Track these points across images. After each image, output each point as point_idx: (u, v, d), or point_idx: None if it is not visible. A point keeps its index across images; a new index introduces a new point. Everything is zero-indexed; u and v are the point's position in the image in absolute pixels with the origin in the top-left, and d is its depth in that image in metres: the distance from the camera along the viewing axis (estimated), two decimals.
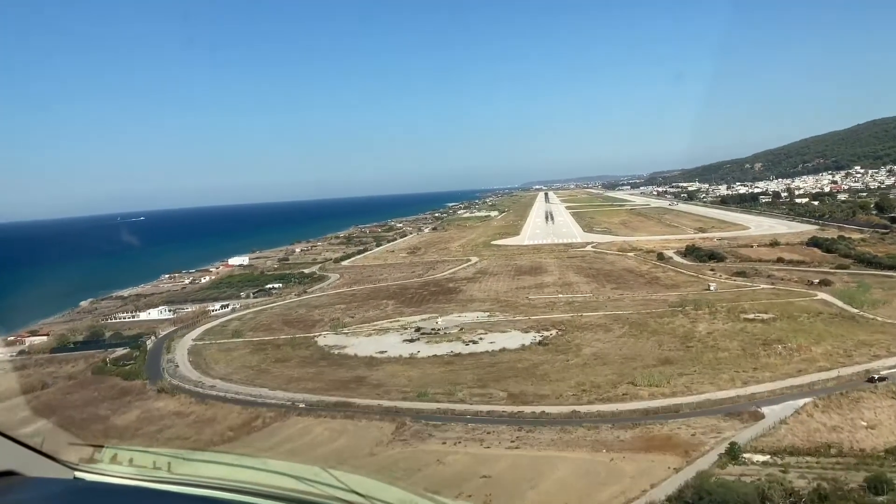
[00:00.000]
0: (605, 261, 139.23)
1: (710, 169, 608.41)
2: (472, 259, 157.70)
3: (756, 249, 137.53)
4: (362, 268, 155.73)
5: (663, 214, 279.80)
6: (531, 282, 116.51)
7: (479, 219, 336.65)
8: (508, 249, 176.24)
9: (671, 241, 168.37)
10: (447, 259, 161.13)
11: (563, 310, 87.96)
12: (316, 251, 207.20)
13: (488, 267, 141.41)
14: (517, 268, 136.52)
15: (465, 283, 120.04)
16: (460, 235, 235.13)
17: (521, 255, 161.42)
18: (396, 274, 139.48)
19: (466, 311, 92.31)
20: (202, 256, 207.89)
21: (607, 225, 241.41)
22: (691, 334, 69.60)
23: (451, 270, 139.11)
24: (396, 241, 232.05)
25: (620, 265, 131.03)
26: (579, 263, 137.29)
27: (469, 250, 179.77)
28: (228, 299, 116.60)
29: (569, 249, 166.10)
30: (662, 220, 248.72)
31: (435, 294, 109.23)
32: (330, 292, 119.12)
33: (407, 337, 76.82)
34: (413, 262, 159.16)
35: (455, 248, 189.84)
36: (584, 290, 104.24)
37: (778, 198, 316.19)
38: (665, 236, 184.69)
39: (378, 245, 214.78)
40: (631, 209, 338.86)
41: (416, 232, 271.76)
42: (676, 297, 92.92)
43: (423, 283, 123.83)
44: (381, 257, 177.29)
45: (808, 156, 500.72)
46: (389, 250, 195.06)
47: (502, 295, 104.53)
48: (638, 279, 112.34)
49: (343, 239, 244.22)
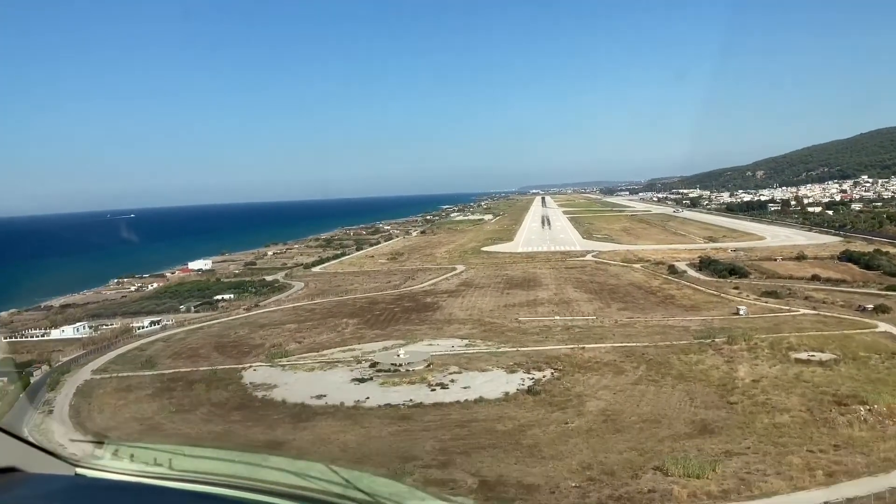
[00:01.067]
0: (609, 273, 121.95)
1: (710, 176, 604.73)
2: (457, 268, 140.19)
3: (781, 264, 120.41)
4: (334, 275, 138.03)
5: (667, 221, 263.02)
6: (523, 297, 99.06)
7: (471, 222, 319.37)
8: (500, 257, 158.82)
9: (680, 252, 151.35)
10: (430, 267, 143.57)
11: (560, 338, 70.39)
12: (289, 255, 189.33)
13: (475, 278, 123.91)
14: (508, 279, 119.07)
15: (446, 297, 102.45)
16: (449, 240, 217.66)
17: (513, 263, 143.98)
18: (370, 284, 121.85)
19: (441, 336, 74.70)
20: (171, 257, 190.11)
21: (608, 231, 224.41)
22: (730, 382, 52.09)
23: (432, 281, 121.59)
24: (380, 244, 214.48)
25: (626, 279, 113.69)
26: (579, 276, 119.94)
27: (456, 257, 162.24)
28: (165, 313, 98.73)
29: (566, 259, 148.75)
30: (667, 228, 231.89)
31: (408, 312, 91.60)
32: (286, 306, 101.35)
33: (358, 374, 59.09)
34: (392, 270, 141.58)
35: (441, 254, 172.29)
36: (585, 311, 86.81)
37: (787, 206, 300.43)
38: (672, 246, 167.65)
39: (358, 249, 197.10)
40: (632, 215, 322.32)
41: (403, 235, 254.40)
42: (700, 323, 75.63)
43: (398, 296, 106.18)
44: (359, 263, 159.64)
45: (811, 164, 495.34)
46: (369, 255, 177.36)
47: (487, 314, 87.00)
48: (648, 297, 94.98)
49: (323, 241, 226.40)
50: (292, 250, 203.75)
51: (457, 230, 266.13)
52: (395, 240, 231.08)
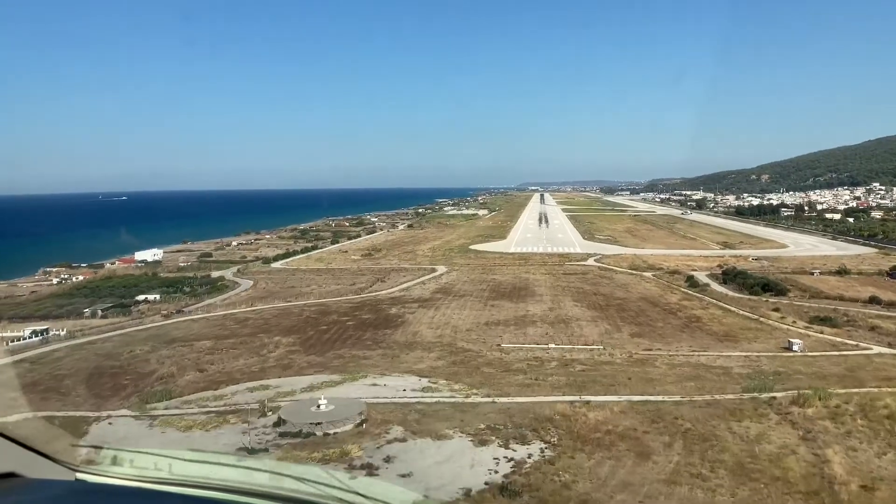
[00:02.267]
0: (615, 282, 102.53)
1: (713, 178, 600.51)
2: (438, 269, 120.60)
3: (822, 279, 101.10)
4: (293, 273, 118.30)
5: (674, 223, 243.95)
6: (510, 312, 79.59)
7: (463, 217, 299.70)
8: (489, 257, 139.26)
9: (695, 259, 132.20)
10: (407, 267, 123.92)
11: (556, 381, 50.85)
12: (256, 246, 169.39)
13: (455, 283, 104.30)
14: (494, 286, 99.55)
15: (416, 308, 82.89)
16: (437, 235, 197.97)
17: (503, 266, 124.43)
18: (330, 286, 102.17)
19: (394, 369, 55.11)
20: (128, 244, 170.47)
21: (610, 233, 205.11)
22: (824, 485, 32.70)
23: (404, 284, 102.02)
24: (359, 238, 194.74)
25: (637, 291, 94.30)
26: (579, 284, 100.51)
27: (439, 256, 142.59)
28: (64, 318, 78.84)
29: (565, 262, 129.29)
30: (675, 231, 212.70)
31: (362, 328, 72.00)
32: (215, 314, 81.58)
33: (249, 440, 39.36)
34: (362, 269, 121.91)
35: (423, 251, 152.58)
36: (588, 335, 67.38)
37: (801, 211, 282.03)
38: (685, 251, 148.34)
39: (334, 242, 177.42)
40: (635, 215, 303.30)
41: (388, 228, 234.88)
42: (743, 361, 56.34)
43: (357, 304, 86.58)
44: (328, 259, 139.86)
45: (818, 170, 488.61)
46: (343, 250, 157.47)
47: (462, 335, 67.49)
48: (668, 318, 75.64)
49: (298, 233, 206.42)
50: (261, 241, 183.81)
51: (447, 225, 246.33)
52: (377, 233, 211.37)
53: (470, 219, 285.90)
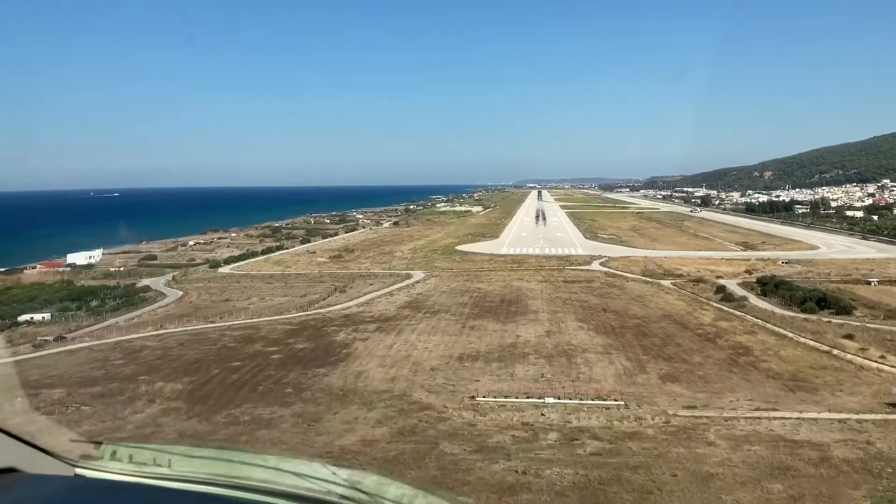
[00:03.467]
0: (628, 293, 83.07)
1: (714, 175, 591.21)
2: (415, 274, 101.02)
3: (885, 291, 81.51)
4: (239, 279, 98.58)
5: (682, 221, 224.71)
6: (494, 338, 60.03)
7: (456, 213, 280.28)
8: (476, 261, 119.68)
9: (717, 262, 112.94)
10: (378, 272, 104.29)
11: (556, 482, 31.43)
12: (213, 246, 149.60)
13: (431, 294, 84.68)
14: (478, 299, 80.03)
15: (372, 332, 63.26)
16: (422, 234, 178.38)
17: (492, 271, 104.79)
18: (275, 298, 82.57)
19: (303, 448, 35.53)
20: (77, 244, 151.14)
21: (614, 231, 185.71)
22: None
23: (368, 296, 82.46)
24: (337, 236, 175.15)
25: (657, 306, 74.84)
26: (584, 296, 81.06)
27: (420, 258, 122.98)
28: None
29: (565, 267, 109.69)
30: (684, 229, 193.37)
31: (289, 364, 52.33)
32: (107, 340, 61.36)
33: None
34: (325, 274, 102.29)
35: (403, 252, 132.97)
36: (601, 379, 47.84)
37: (817, 208, 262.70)
38: (703, 253, 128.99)
39: (306, 241, 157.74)
40: (638, 213, 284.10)
41: (372, 225, 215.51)
42: (841, 433, 36.85)
43: (297, 326, 66.85)
44: (290, 261, 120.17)
45: (823, 166, 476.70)
46: (311, 251, 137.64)
47: (424, 379, 47.92)
48: (706, 349, 56.13)
49: (269, 230, 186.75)
50: (224, 240, 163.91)
51: (435, 222, 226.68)
52: (357, 232, 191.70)
53: (462, 216, 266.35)
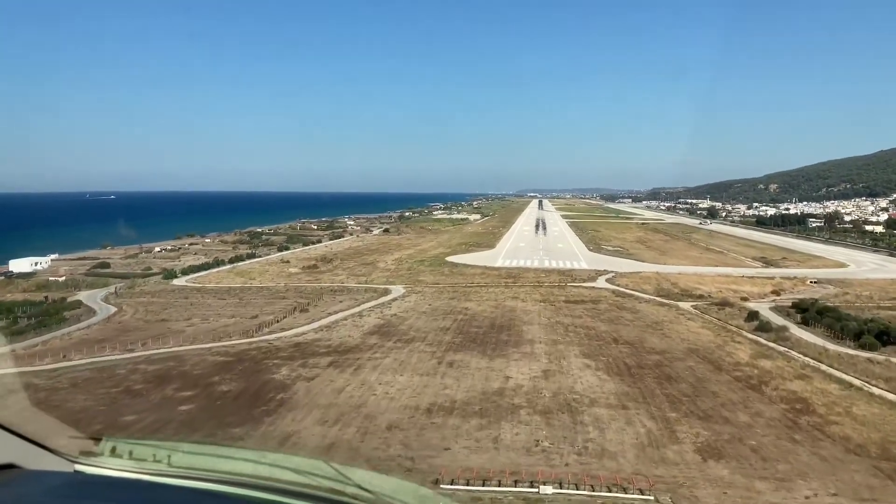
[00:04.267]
0: (643, 318, 69.66)
1: (718, 187, 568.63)
2: (394, 290, 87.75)
3: None
4: (190, 294, 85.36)
5: (690, 234, 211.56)
6: (477, 381, 46.70)
7: (452, 221, 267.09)
8: (467, 274, 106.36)
9: (738, 281, 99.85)
10: (352, 286, 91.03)
11: None
12: (179, 253, 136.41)
13: (408, 316, 71.29)
14: (463, 323, 66.69)
15: (324, 368, 49.97)
16: (412, 243, 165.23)
17: (483, 288, 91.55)
18: (222, 318, 69.19)
19: None
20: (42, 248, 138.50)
21: (620, 243, 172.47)
22: None
23: (333, 316, 69.17)
24: (319, 243, 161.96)
25: (679, 336, 61.48)
26: (590, 322, 67.73)
27: (404, 270, 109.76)
28: None
29: (567, 284, 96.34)
30: (694, 242, 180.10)
31: (197, 420, 38.92)
32: None
33: None
34: (290, 289, 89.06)
35: (387, 263, 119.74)
36: (617, 451, 34.47)
37: (832, 222, 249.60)
38: (720, 269, 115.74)
39: (284, 249, 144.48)
40: (643, 224, 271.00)
41: (362, 232, 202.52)
42: None
43: (234, 356, 53.56)
44: (258, 271, 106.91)
45: (831, 179, 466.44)
46: (285, 260, 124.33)
47: (375, 444, 34.61)
48: (751, 401, 42.70)
49: (247, 236, 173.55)
50: (195, 246, 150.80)
51: (429, 230, 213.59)
52: (343, 239, 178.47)
53: (458, 223, 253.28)
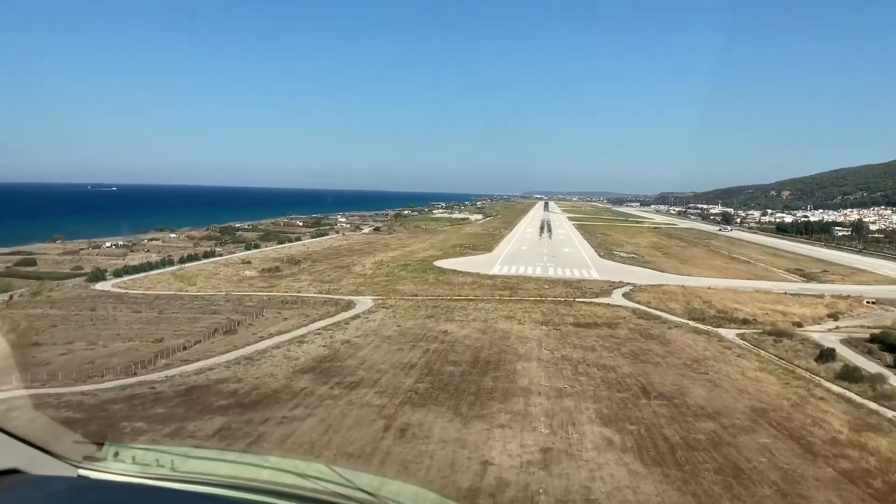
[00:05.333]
0: (677, 354, 51.76)
1: (729, 193, 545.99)
2: (358, 303, 70.17)
3: None
4: (104, 302, 67.96)
5: (709, 240, 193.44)
6: (434, 472, 29.10)
7: (450, 221, 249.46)
8: (455, 283, 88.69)
9: (782, 299, 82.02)
10: (309, 297, 73.43)
11: None
12: (126, 250, 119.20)
13: (364, 342, 53.57)
14: (435, 357, 49.06)
15: (205, 438, 32.66)
16: (400, 244, 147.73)
17: (471, 302, 73.76)
18: (116, 343, 51.84)
19: None
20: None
21: (633, 249, 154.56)
22: None
23: (264, 342, 51.73)
24: (298, 241, 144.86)
25: (734, 385, 43.66)
26: (609, 359, 49.88)
27: (381, 277, 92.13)
28: None
29: (575, 300, 78.34)
30: (715, 250, 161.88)
31: None
32: None
33: None
34: (232, 298, 71.73)
35: (364, 267, 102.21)
36: None
37: (858, 231, 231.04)
38: (755, 284, 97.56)
39: (254, 248, 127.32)
40: (655, 228, 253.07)
41: (351, 230, 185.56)
42: None
43: (83, 413, 36.28)
44: (206, 274, 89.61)
45: (846, 187, 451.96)
46: (246, 260, 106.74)
47: None
48: None
49: (216, 232, 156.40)
50: (155, 242, 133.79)
51: (423, 230, 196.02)
52: (326, 237, 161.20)
53: (456, 223, 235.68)
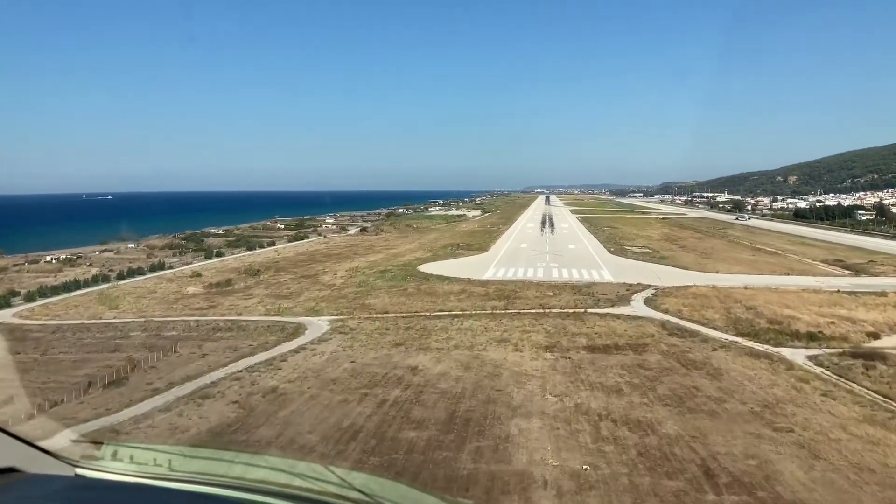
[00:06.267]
0: (738, 396, 35.84)
1: (733, 180, 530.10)
2: (309, 328, 54.40)
3: None
4: None
5: (724, 230, 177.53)
6: None
7: (446, 218, 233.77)
8: (439, 293, 72.71)
9: (836, 298, 65.73)
10: (249, 321, 57.78)
11: None
12: (62, 265, 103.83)
13: (294, 396, 37.56)
14: (390, 418, 33.20)
15: None
16: (386, 245, 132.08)
17: (455, 320, 57.78)
18: None
19: None
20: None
21: (645, 242, 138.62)
22: None
23: (147, 403, 36.13)
24: (272, 246, 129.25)
25: (846, 459, 27.69)
26: (642, 411, 33.81)
27: (351, 288, 76.24)
28: None
29: (586, 312, 62.17)
30: (734, 240, 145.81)
31: None
32: None
33: None
34: (150, 328, 56.33)
35: (335, 276, 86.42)
36: None
37: (882, 214, 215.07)
38: (798, 280, 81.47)
39: (217, 256, 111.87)
40: (663, 218, 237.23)
41: (336, 232, 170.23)
42: None
43: None
44: (138, 293, 73.95)
45: (855, 170, 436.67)
46: (196, 272, 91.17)
47: None
48: None
49: (180, 240, 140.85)
50: (105, 255, 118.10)
51: (414, 229, 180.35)
52: (308, 240, 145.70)
53: (451, 221, 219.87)
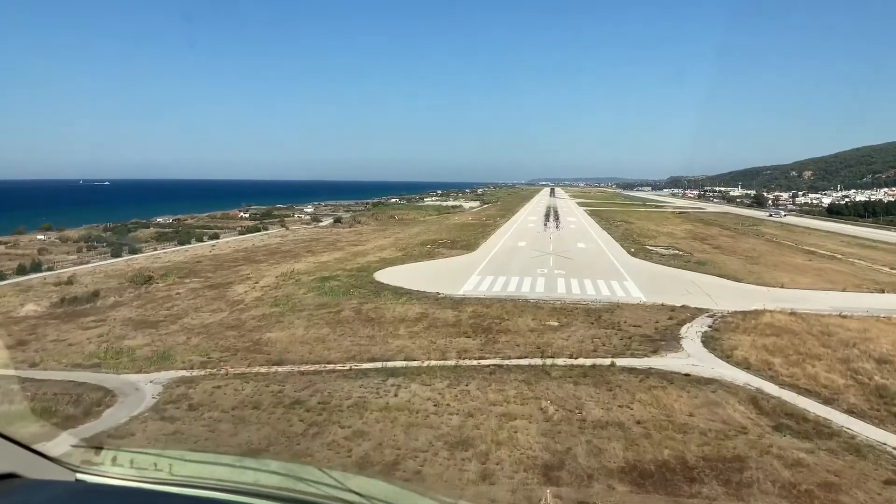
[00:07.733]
0: None
1: (746, 174, 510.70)
2: (117, 407, 30.13)
3: None
4: None
5: (754, 227, 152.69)
6: None
7: (439, 210, 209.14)
8: (388, 318, 48.00)
9: None
10: (46, 379, 34.13)
11: None
12: None
13: None
14: None
15: None
16: (352, 241, 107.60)
17: (382, 396, 33.43)
18: None
19: None
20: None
21: (668, 240, 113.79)
22: None
23: None
24: (214, 240, 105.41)
25: None
26: None
27: (266, 305, 51.74)
28: None
29: (614, 366, 37.92)
30: (774, 240, 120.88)
31: None
32: None
33: None
34: None
35: (256, 286, 62.06)
36: None
37: None
38: (890, 299, 56.84)
39: (133, 252, 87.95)
40: (681, 213, 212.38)
41: (306, 223, 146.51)
42: None
43: None
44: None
45: (874, 165, 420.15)
46: (69, 281, 66.49)
47: None
48: None
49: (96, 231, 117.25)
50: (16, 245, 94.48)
51: (398, 221, 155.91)
52: (266, 232, 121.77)
53: (444, 212, 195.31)
